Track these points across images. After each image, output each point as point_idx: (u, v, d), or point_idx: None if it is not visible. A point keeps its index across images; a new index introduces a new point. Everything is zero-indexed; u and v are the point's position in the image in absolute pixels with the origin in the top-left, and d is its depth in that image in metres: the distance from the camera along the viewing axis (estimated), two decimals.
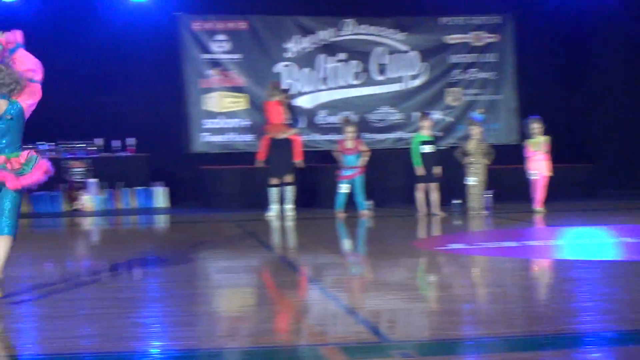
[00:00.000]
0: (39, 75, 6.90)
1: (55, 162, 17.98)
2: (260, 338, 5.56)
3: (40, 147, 18.35)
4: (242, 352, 5.20)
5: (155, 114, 18.85)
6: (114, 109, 18.67)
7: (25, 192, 7.13)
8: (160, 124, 18.92)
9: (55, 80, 18.36)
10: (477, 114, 16.75)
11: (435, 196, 15.04)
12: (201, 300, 7.14)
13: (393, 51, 19.48)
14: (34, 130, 18.14)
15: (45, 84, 17.93)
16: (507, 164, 16.78)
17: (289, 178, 15.28)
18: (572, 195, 17.75)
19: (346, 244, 11.89)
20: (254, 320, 6.16)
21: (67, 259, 10.41)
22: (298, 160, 15.34)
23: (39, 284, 8.16)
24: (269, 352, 5.19)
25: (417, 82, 19.60)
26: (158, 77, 18.81)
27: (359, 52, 19.36)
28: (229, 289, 7.89)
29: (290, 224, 14.15)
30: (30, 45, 17.07)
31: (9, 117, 6.80)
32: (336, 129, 18.25)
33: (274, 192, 15.25)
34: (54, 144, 18.51)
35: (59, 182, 17.95)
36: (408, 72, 19.52)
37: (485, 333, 5.59)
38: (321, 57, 19.18)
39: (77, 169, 18.27)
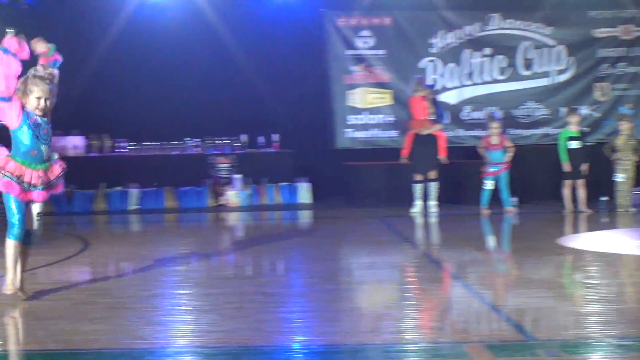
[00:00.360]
0: None
1: (201, 157, 18.51)
2: (403, 334, 5.51)
3: (187, 143, 18.76)
4: (385, 348, 5.16)
5: (299, 110, 18.98)
6: (259, 106, 18.89)
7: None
8: (304, 120, 19.05)
9: (200, 78, 18.77)
10: (626, 109, 16.25)
11: (582, 193, 14.69)
12: (344, 296, 7.14)
13: (539, 46, 19.09)
14: (181, 126, 18.67)
15: (191, 83, 18.33)
16: None
17: (432, 174, 15.17)
18: None
19: (490, 240, 11.70)
20: (397, 317, 6.11)
21: (213, 253, 10.56)
22: (442, 156, 15.21)
23: (185, 278, 8.31)
24: (412, 349, 5.13)
25: (564, 77, 19.15)
26: (302, 74, 18.94)
27: (504, 47, 19.04)
28: (372, 285, 7.85)
29: (433, 220, 14.03)
30: (185, 45, 17.35)
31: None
32: (481, 125, 18.00)
33: (417, 188, 15.17)
34: (199, 140, 18.86)
35: (205, 178, 18.28)
36: (555, 67, 19.10)
37: (632, 333, 5.41)
38: (466, 52, 18.95)
39: (223, 165, 18.55)
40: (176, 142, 18.90)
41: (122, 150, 18.83)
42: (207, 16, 18.76)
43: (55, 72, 6.99)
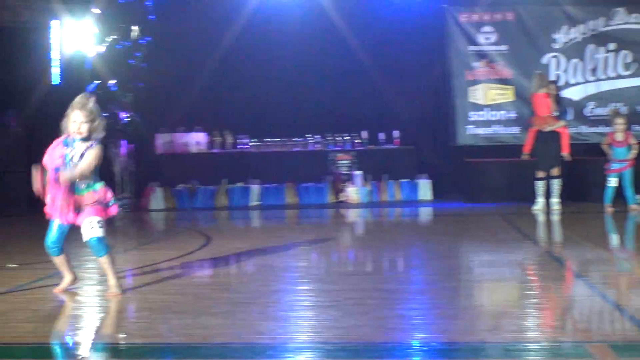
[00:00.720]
0: None
1: (321, 154, 18.60)
2: (524, 333, 5.44)
3: (308, 139, 18.88)
4: (505, 346, 5.11)
5: (420, 106, 18.95)
6: (380, 102, 18.90)
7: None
8: (425, 117, 19.01)
9: (321, 75, 18.85)
10: None
11: None
12: (465, 293, 7.09)
13: None
14: (302, 123, 18.79)
15: (312, 79, 18.45)
16: None
17: (555, 171, 14.93)
18: None
19: (614, 239, 11.44)
20: (518, 315, 6.04)
21: (333, 250, 10.61)
22: (565, 153, 14.95)
23: (306, 274, 8.37)
24: (533, 348, 5.07)
25: None
26: (424, 70, 18.89)
27: (629, 42, 18.61)
28: (493, 282, 7.77)
29: (556, 217, 13.80)
30: (306, 42, 17.45)
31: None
32: (605, 121, 17.66)
33: (540, 186, 14.96)
34: (320, 136, 18.97)
35: (325, 174, 18.38)
36: None
37: None
38: (590, 48, 18.58)
39: (343, 161, 18.61)
40: (297, 139, 19.06)
41: (243, 146, 19.07)
42: (328, 13, 18.85)
43: (89, 98, 7.40)
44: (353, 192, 18.21)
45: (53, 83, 18.93)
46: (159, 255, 9.84)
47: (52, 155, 7.17)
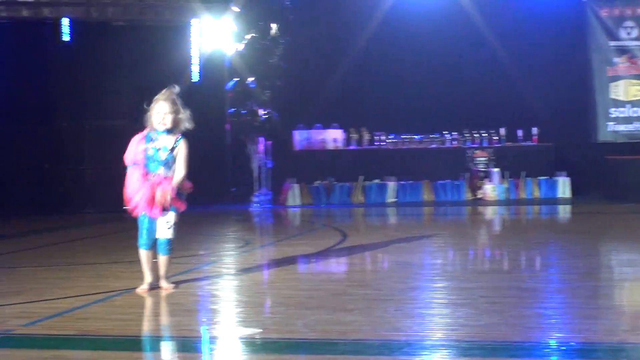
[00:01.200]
0: None
1: (459, 151, 18.50)
2: None
3: (445, 136, 18.79)
4: None
5: (559, 102, 18.64)
6: (518, 98, 18.68)
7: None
8: (564, 113, 18.68)
9: (459, 71, 18.73)
10: None
11: None
12: (604, 293, 6.94)
13: None
14: (439, 120, 18.72)
15: (450, 76, 18.34)
16: None
17: None
18: None
19: None
20: None
21: (469, 247, 10.53)
22: None
23: (442, 271, 8.34)
24: None
25: None
26: (562, 66, 18.58)
27: None
28: (633, 282, 7.58)
29: None
30: (443, 39, 17.40)
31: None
32: None
33: None
34: (457, 133, 18.85)
35: (462, 171, 18.27)
36: None
37: None
38: None
39: (480, 159, 18.46)
40: (435, 136, 18.99)
41: (380, 143, 19.10)
42: (466, 8, 18.72)
43: (175, 92, 7.39)
44: (490, 190, 18.04)
45: (193, 80, 19.33)
46: (296, 251, 9.95)
47: (134, 151, 7.25)
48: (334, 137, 19.27)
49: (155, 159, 7.21)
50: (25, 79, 18.45)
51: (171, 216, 7.20)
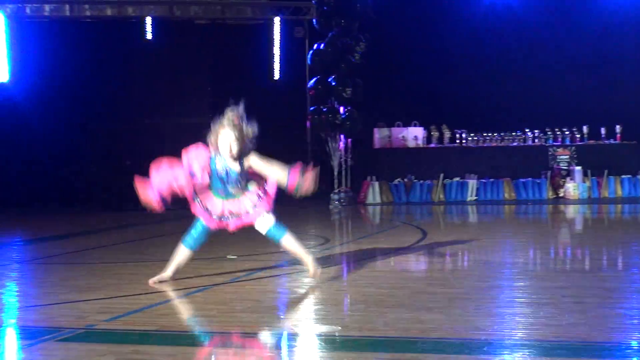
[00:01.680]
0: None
1: (540, 149, 18.31)
2: None
3: (527, 134, 18.60)
4: None
5: None
6: (601, 96, 18.42)
7: None
8: None
9: (540, 68, 18.53)
10: None
11: None
12: None
13: None
14: (521, 117, 18.55)
15: (531, 73, 18.16)
16: None
17: None
18: None
19: None
20: None
21: (551, 246, 10.41)
22: None
23: (523, 270, 8.26)
24: None
25: None
26: None
27: None
28: None
29: None
30: (525, 36, 17.26)
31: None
32: None
33: None
34: (539, 131, 18.66)
35: (544, 169, 18.08)
36: None
37: None
38: None
39: (562, 157, 18.24)
40: (516, 133, 18.81)
41: (461, 141, 19.00)
42: (548, 5, 18.54)
43: (240, 115, 7.23)
44: (572, 188, 17.82)
45: (275, 78, 19.45)
46: (375, 248, 9.94)
47: (197, 160, 7.21)
48: (414, 134, 19.21)
49: (224, 179, 7.23)
50: (109, 77, 18.78)
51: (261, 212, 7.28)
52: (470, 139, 18.98)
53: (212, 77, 18.39)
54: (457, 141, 19.08)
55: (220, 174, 7.20)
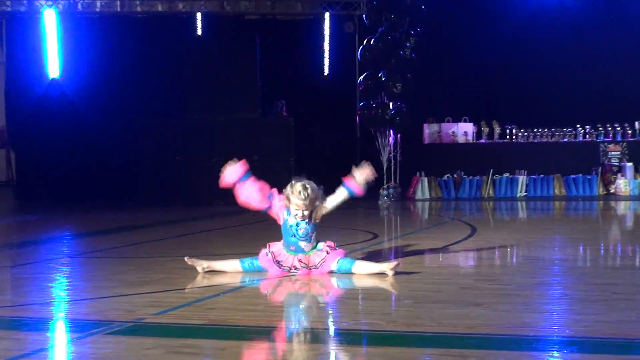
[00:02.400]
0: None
1: (591, 145, 18.15)
2: None
3: (577, 130, 18.46)
4: None
5: None
6: None
7: None
8: None
9: (592, 63, 18.38)
10: None
11: None
12: None
13: None
14: (571, 113, 18.40)
15: (583, 68, 17.98)
16: None
17: None
18: None
19: None
20: None
21: (601, 242, 10.32)
22: None
23: (572, 266, 8.20)
24: None
25: None
26: None
27: None
28: None
29: None
30: (576, 30, 17.10)
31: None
32: None
33: None
34: (590, 127, 18.51)
35: (595, 166, 17.93)
36: None
37: None
38: None
39: (613, 153, 18.07)
40: (567, 129, 18.67)
41: (511, 136, 18.90)
42: (601, 1, 18.39)
43: (313, 188, 7.44)
44: (623, 184, 17.64)
45: (325, 74, 19.48)
46: (424, 244, 9.92)
47: (279, 202, 7.52)
48: (464, 130, 19.14)
49: (295, 233, 7.43)
50: (159, 72, 18.91)
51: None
52: (520, 134, 18.86)
53: (262, 72, 18.44)
54: (507, 137, 18.97)
55: (291, 228, 7.43)
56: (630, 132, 18.43)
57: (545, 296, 6.53)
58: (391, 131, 17.89)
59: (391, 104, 17.80)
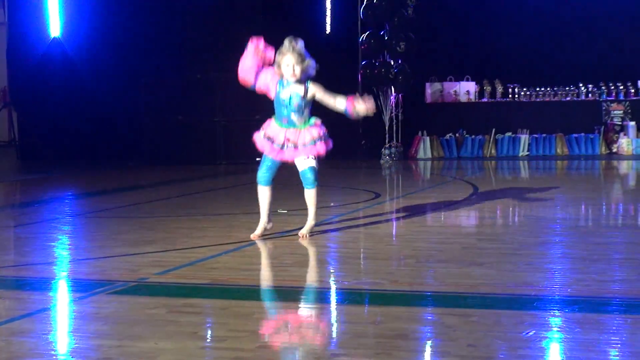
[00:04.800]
0: None
1: (594, 104, 18.11)
2: None
3: (580, 89, 18.39)
4: None
5: None
6: None
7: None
8: None
9: (595, 21, 18.27)
10: None
11: None
12: None
13: None
14: (574, 72, 18.33)
15: (586, 25, 17.84)
16: None
17: None
18: None
19: None
20: None
21: (602, 202, 10.33)
22: None
23: (574, 225, 8.21)
24: None
25: None
26: None
27: None
28: None
29: None
30: None
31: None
32: None
33: None
34: (593, 86, 18.44)
35: (597, 125, 17.91)
36: None
37: None
38: None
39: (616, 112, 18.02)
40: (569, 88, 18.60)
41: (514, 95, 18.83)
42: None
43: (299, 43, 7.46)
44: (626, 144, 17.62)
45: (327, 32, 19.40)
46: (426, 204, 9.93)
47: (264, 78, 7.44)
48: (466, 89, 19.08)
49: (287, 104, 7.35)
50: (160, 30, 18.79)
51: (310, 154, 7.37)
52: (523, 93, 18.80)
53: (264, 30, 18.29)
54: (510, 96, 18.91)
55: (284, 101, 7.36)
56: (633, 91, 18.36)
57: (547, 255, 6.54)
58: (393, 89, 17.83)
59: (393, 62, 17.73)
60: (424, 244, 7.01)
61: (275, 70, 7.39)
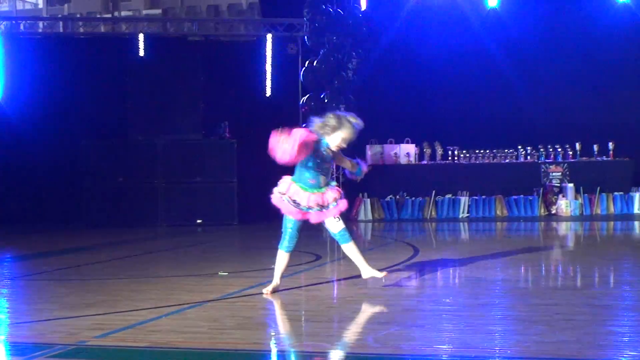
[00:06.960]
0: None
1: (532, 166, 18.35)
2: None
3: (519, 151, 18.64)
4: None
5: (636, 117, 18.39)
6: (594, 112, 18.51)
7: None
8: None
9: (533, 85, 18.60)
10: None
11: None
12: None
13: None
14: (513, 134, 18.58)
15: (524, 90, 18.15)
16: None
17: None
18: None
19: None
20: None
21: (542, 263, 10.43)
22: None
23: (514, 287, 8.27)
24: None
25: None
26: (639, 79, 18.34)
27: None
28: None
29: None
30: (517, 53, 17.22)
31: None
32: None
33: None
34: (531, 148, 18.71)
35: (536, 186, 18.13)
36: None
37: None
38: None
39: (554, 174, 18.28)
40: (508, 150, 18.86)
41: (453, 158, 19.03)
42: (541, 19, 18.65)
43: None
44: (564, 205, 17.85)
45: (267, 95, 19.50)
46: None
47: (309, 138, 7.60)
48: (407, 151, 19.24)
49: (320, 163, 7.72)
50: (102, 93, 18.79)
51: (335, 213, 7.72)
52: (462, 155, 19.01)
53: (205, 93, 18.36)
54: (449, 158, 19.11)
55: (318, 158, 7.64)
56: (571, 153, 18.65)
57: (487, 317, 6.58)
58: None
59: None
60: (365, 306, 7.01)
61: (338, 143, 7.79)
